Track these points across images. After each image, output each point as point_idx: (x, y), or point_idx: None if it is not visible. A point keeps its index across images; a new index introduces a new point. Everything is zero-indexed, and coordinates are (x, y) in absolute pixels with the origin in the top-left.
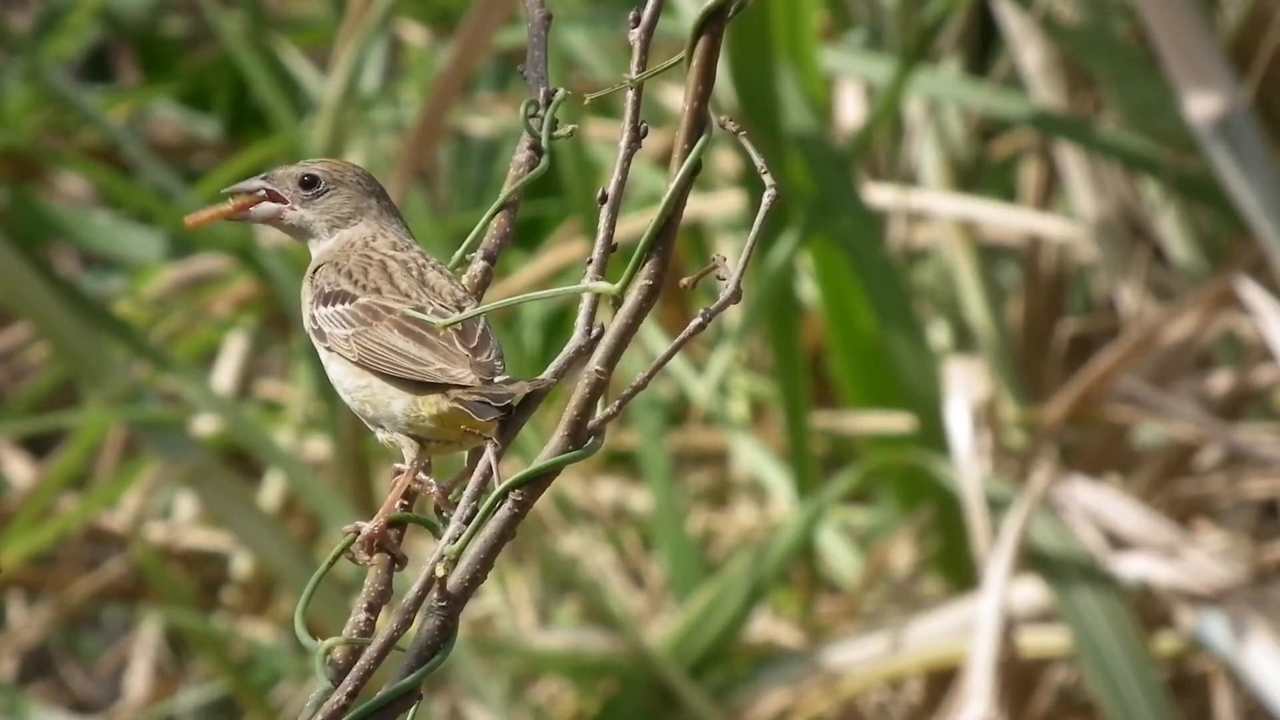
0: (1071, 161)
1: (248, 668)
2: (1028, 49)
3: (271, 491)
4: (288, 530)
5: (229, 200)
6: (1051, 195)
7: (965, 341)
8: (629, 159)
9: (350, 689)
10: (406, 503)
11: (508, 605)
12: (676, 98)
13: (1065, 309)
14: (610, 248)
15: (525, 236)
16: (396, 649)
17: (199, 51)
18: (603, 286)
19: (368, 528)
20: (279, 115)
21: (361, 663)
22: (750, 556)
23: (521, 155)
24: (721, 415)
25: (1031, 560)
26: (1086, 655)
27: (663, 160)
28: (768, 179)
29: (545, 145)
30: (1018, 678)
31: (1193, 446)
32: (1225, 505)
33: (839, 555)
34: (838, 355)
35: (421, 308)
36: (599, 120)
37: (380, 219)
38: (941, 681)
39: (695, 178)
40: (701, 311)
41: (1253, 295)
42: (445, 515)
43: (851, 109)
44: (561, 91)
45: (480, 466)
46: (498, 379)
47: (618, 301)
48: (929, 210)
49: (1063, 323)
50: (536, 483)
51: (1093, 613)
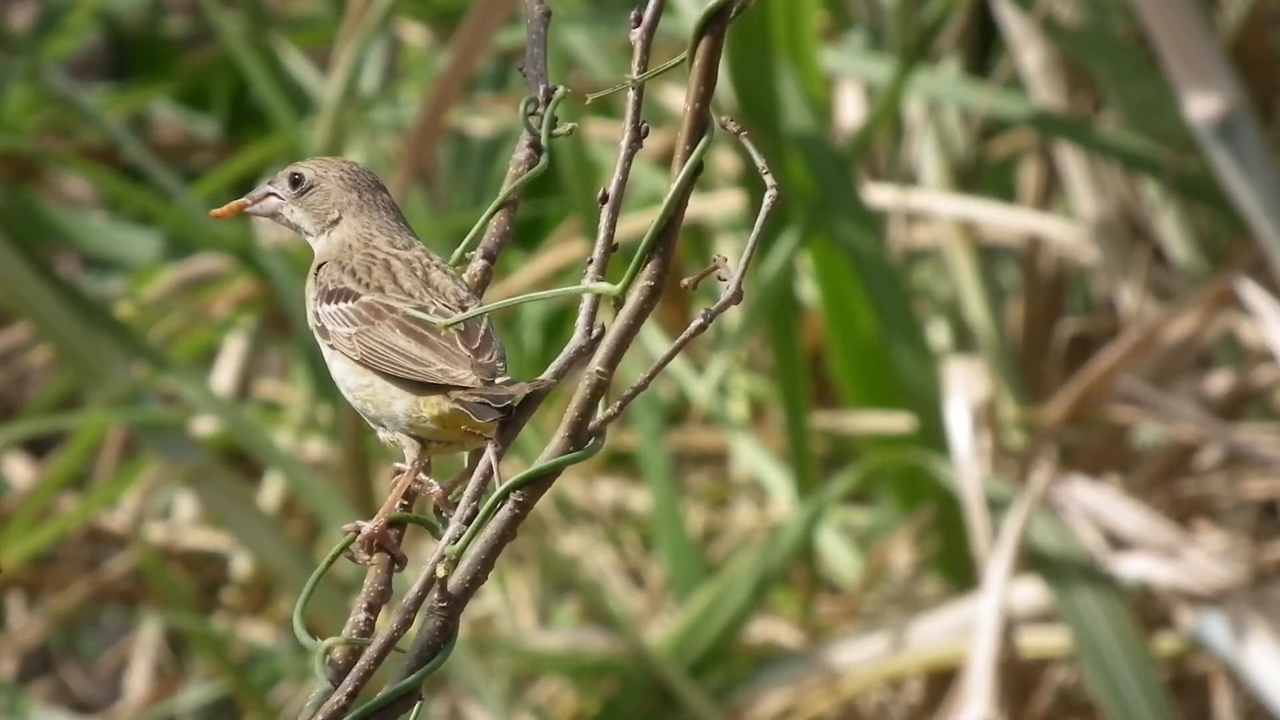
0: (1071, 162)
1: (248, 668)
2: (1028, 49)
3: (271, 492)
4: (287, 530)
5: (247, 197)
6: (1051, 195)
7: (965, 341)
8: (630, 159)
9: (350, 689)
10: (407, 503)
11: (508, 605)
12: (677, 98)
13: (1065, 309)
14: (611, 248)
15: (525, 236)
16: (396, 649)
17: (198, 51)
18: (604, 287)
19: (368, 527)
20: (279, 115)
21: (361, 663)
22: (750, 556)
23: (521, 154)
24: (721, 415)
25: (1031, 560)
26: (1086, 655)
27: (663, 160)
28: (768, 179)
29: (545, 143)
30: (1018, 678)
31: (1193, 446)
32: (1225, 505)
33: (839, 555)
34: (838, 355)
35: (424, 307)
36: (599, 120)
37: (361, 215)
38: (941, 681)
39: (697, 179)
40: (702, 312)
41: (1253, 295)
42: (445, 516)
43: (851, 109)
44: (561, 89)
45: (481, 467)
46: (499, 380)
47: (619, 302)
48: (929, 210)
49: (1063, 323)
50: (537, 483)
51: (1093, 613)
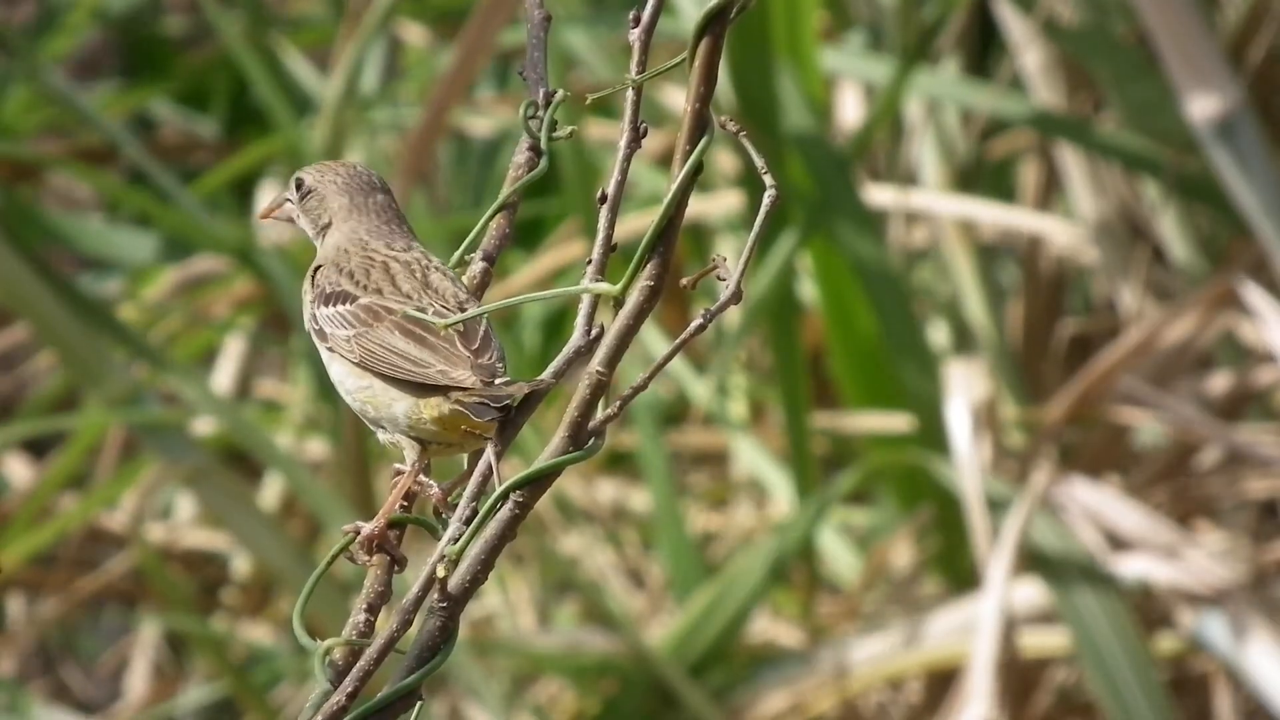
0: (1071, 162)
1: (248, 668)
2: (1028, 49)
3: (271, 492)
4: (287, 531)
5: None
6: (1051, 195)
7: (965, 341)
8: (629, 159)
9: (350, 690)
10: (406, 504)
11: (508, 606)
12: (676, 98)
13: (1065, 309)
14: (610, 248)
15: (525, 236)
16: (396, 650)
17: (198, 51)
18: (603, 287)
19: (368, 528)
20: (278, 115)
21: (361, 664)
22: (750, 556)
23: (521, 156)
24: (721, 415)
25: (1031, 560)
26: (1086, 655)
27: (662, 161)
28: (768, 179)
29: (544, 146)
30: (1018, 678)
31: (1193, 446)
32: (1225, 505)
33: (839, 555)
34: (838, 355)
35: (423, 309)
36: (599, 120)
37: (351, 219)
38: (942, 682)
39: (697, 179)
40: (702, 312)
41: (1253, 295)
42: (445, 517)
43: (851, 109)
44: (561, 93)
45: (480, 467)
46: (498, 380)
47: (618, 302)
48: (928, 210)
49: (1063, 323)
50: (537, 483)
51: (1093, 613)
